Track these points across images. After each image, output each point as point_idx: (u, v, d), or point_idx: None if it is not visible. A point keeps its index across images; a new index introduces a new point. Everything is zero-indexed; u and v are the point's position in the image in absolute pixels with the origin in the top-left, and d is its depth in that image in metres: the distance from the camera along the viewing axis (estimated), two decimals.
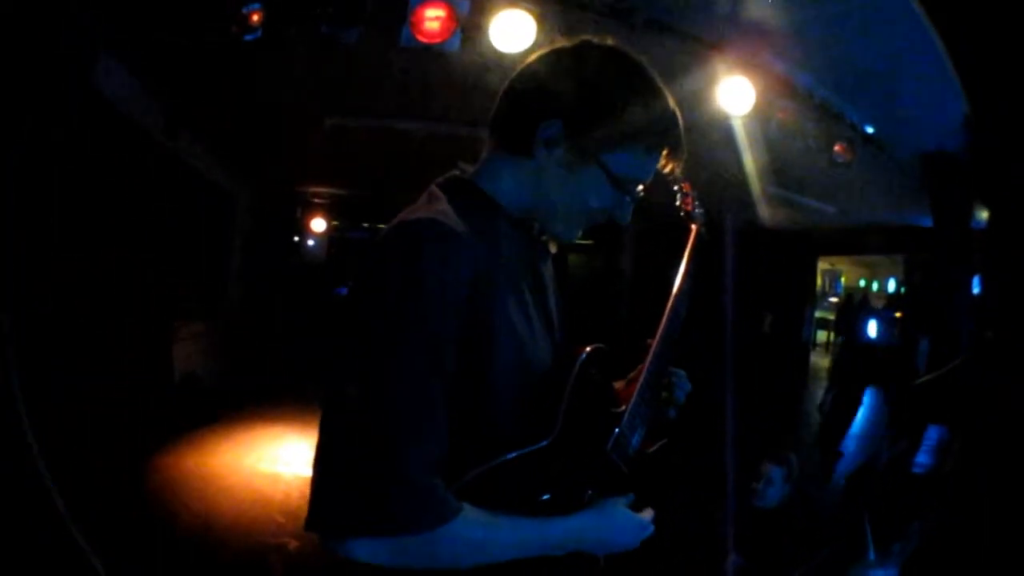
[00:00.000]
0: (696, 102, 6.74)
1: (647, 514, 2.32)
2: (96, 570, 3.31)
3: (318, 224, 16.10)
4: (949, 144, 7.85)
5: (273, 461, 9.25)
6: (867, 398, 14.80)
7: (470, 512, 1.91)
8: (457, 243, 1.93)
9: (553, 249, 2.41)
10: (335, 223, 16.62)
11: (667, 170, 2.24)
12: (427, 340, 1.87)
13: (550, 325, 2.28)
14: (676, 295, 2.61)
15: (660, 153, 2.19)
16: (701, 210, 2.87)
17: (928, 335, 10.80)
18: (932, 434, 5.91)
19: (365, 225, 18.46)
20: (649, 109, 2.14)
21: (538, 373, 2.13)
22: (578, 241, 2.35)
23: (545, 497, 2.10)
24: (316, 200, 15.77)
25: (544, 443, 2.06)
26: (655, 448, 2.51)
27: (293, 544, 6.93)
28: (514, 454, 2.02)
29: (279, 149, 11.15)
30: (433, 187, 2.17)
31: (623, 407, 2.34)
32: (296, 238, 16.39)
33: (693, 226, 2.82)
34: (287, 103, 8.52)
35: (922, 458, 5.88)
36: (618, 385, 2.54)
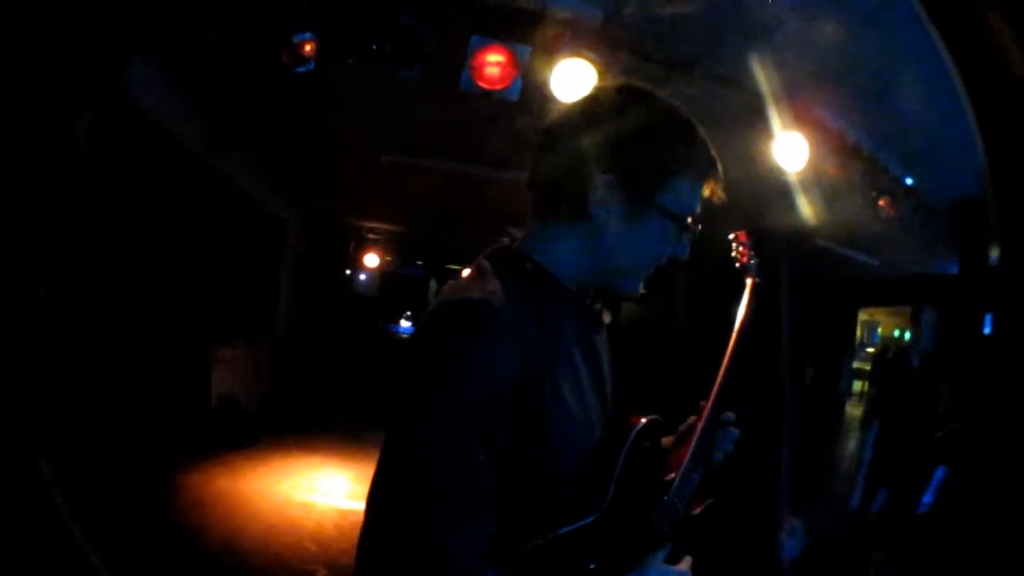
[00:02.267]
0: (753, 156, 6.73)
1: (685, 564, 2.31)
2: None
3: (371, 259, 16.19)
4: (977, 190, 7.83)
5: (309, 490, 9.27)
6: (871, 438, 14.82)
7: None
8: (507, 328, 1.91)
9: (607, 319, 2.39)
10: (388, 259, 16.63)
11: (711, 196, 2.20)
12: (475, 426, 1.85)
13: (603, 396, 2.25)
14: (731, 354, 2.58)
15: (705, 181, 2.17)
16: (756, 261, 2.83)
17: (948, 377, 10.78)
18: (938, 475, 5.91)
19: (419, 263, 18.49)
20: (687, 140, 2.12)
21: (590, 447, 2.11)
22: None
23: (591, 567, 2.09)
24: (371, 235, 15.77)
25: (595, 517, 2.06)
26: (701, 510, 2.49)
27: (322, 573, 6.96)
28: (565, 530, 2.01)
29: (335, 181, 11.16)
30: (482, 260, 2.12)
31: (673, 475, 2.32)
32: (348, 271, 16.42)
33: (749, 279, 2.77)
34: (344, 136, 8.53)
35: (927, 498, 5.89)
36: (668, 442, 2.52)
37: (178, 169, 8.84)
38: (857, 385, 19.20)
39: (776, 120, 6.68)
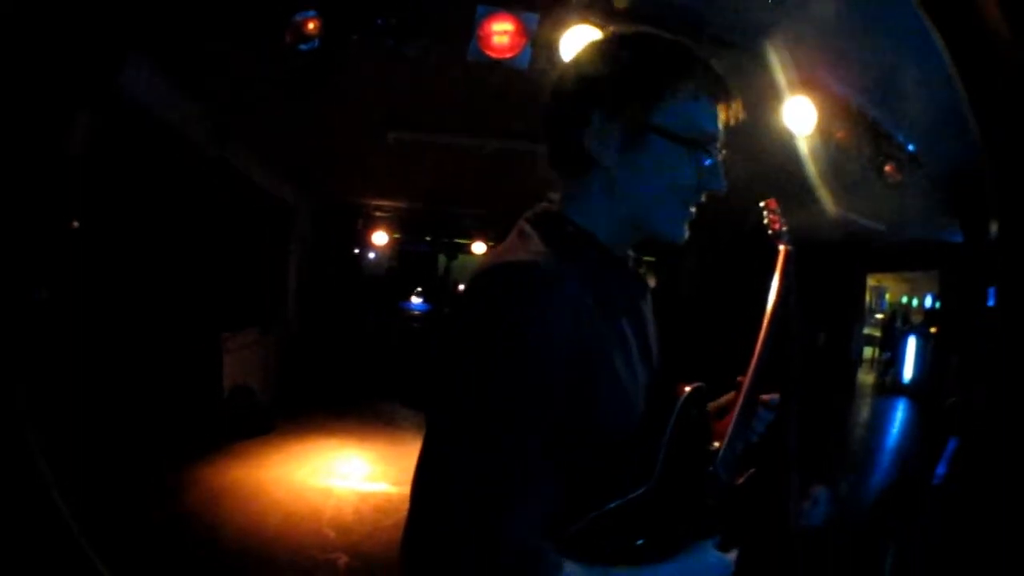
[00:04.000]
0: (761, 121, 6.71)
1: (733, 553, 2.27)
2: None
3: (379, 237, 16.09)
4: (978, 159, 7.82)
5: (327, 475, 9.24)
6: (901, 414, 14.78)
7: (569, 569, 1.86)
8: (559, 290, 1.82)
9: (652, 283, 2.34)
10: (397, 236, 16.59)
11: (728, 120, 2.07)
12: (530, 396, 1.77)
13: (650, 363, 2.21)
14: (768, 325, 2.52)
15: (709, 98, 2.03)
16: (787, 230, 2.76)
17: (958, 348, 10.78)
18: (950, 445, 5.90)
19: (428, 239, 18.45)
20: (677, 59, 2.02)
21: (639, 416, 2.07)
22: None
23: (640, 542, 2.05)
24: (378, 213, 15.68)
25: (645, 489, 2.01)
26: (744, 479, 2.46)
27: (343, 560, 6.90)
28: (615, 503, 1.97)
29: (340, 161, 11.13)
30: (523, 223, 2.04)
31: (718, 444, 2.28)
32: (357, 250, 16.40)
33: (782, 247, 2.71)
34: (349, 115, 8.48)
35: (940, 469, 5.88)
36: (711, 408, 2.49)
37: (184, 160, 8.82)
38: (868, 351, 19.31)
39: (784, 84, 6.67)
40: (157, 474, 7.59)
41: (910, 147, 8.12)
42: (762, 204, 2.74)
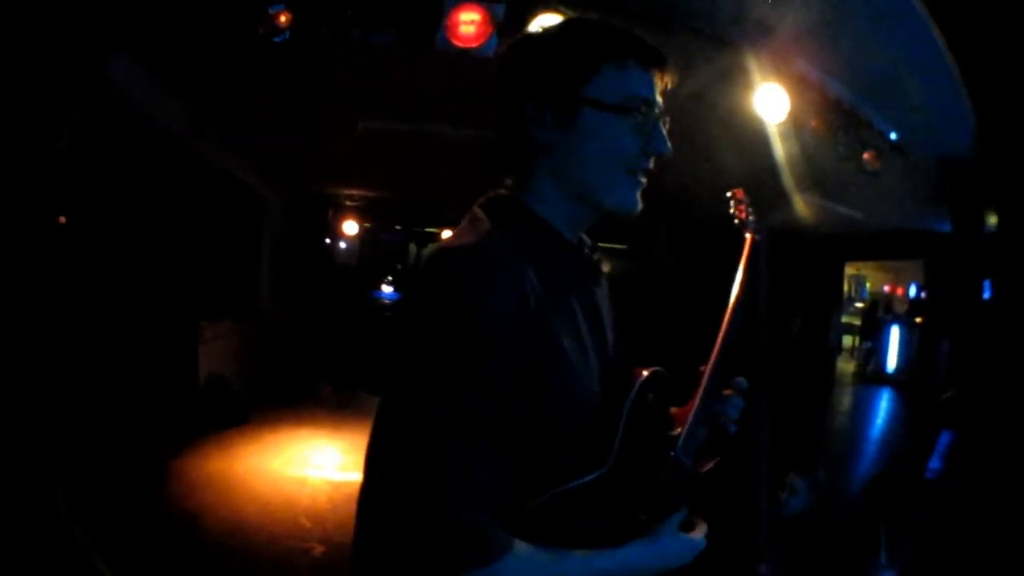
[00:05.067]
0: (733, 108, 6.73)
1: (700, 530, 2.27)
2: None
3: (350, 227, 16.01)
4: (966, 148, 7.83)
5: (301, 464, 9.26)
6: (886, 404, 14.80)
7: (520, 548, 1.86)
8: (505, 272, 1.85)
9: (606, 268, 2.35)
10: (367, 225, 16.62)
11: (664, 87, 2.11)
12: (475, 376, 1.79)
13: (604, 347, 2.20)
14: (732, 311, 2.54)
15: (639, 66, 2.05)
16: (755, 218, 2.79)
17: (947, 338, 10.80)
18: (943, 439, 5.90)
19: (398, 227, 18.50)
20: (600, 31, 2.04)
21: (593, 400, 2.06)
22: (611, 245, 2.28)
23: (599, 526, 2.06)
24: (348, 203, 15.64)
25: (600, 472, 2.01)
26: (709, 468, 2.46)
27: (319, 549, 6.92)
28: (571, 484, 1.97)
29: (311, 152, 11.15)
30: (475, 208, 2.06)
31: (679, 430, 2.28)
32: (327, 240, 16.41)
33: (748, 235, 2.73)
34: (320, 106, 8.50)
35: (934, 463, 5.88)
36: (674, 409, 2.49)
37: (158, 152, 8.81)
38: (847, 340, 19.37)
39: (755, 72, 6.68)
40: (136, 466, 7.58)
41: (892, 135, 8.14)
42: (728, 193, 2.77)
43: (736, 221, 2.74)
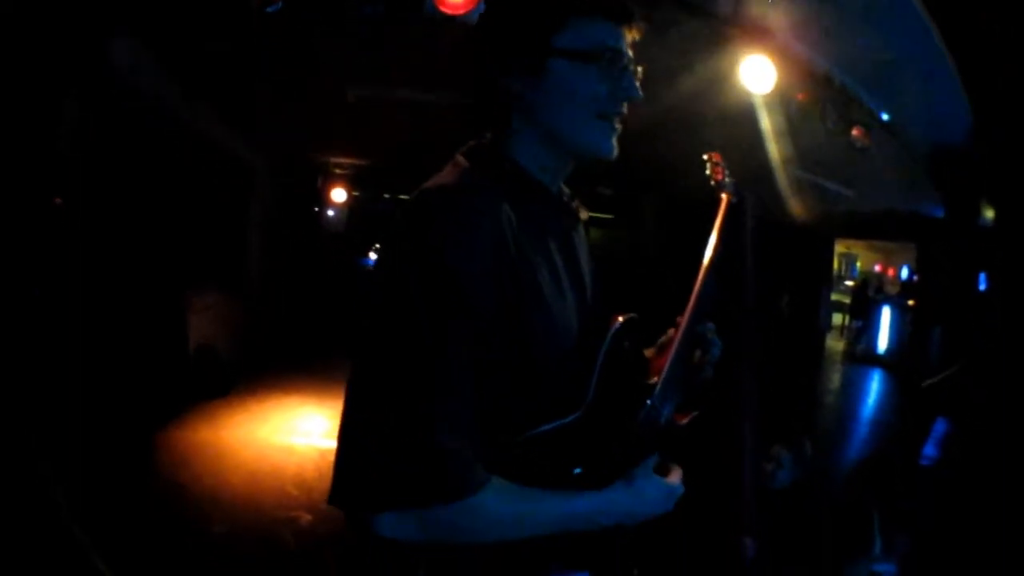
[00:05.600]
0: (718, 80, 6.74)
1: (675, 475, 2.29)
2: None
3: (338, 195, 15.89)
4: (960, 136, 7.84)
5: (288, 433, 9.31)
6: (876, 385, 14.80)
7: (498, 484, 1.89)
8: (478, 212, 1.90)
9: (584, 216, 2.39)
10: (356, 194, 16.58)
11: (632, 38, 2.17)
12: (449, 309, 1.83)
13: (582, 292, 2.25)
14: (707, 267, 2.58)
15: (606, 18, 2.12)
16: (731, 180, 2.84)
17: (940, 324, 10.80)
18: (939, 427, 5.90)
19: (386, 196, 18.47)
20: None
21: (570, 343, 2.10)
22: (598, 215, 2.32)
23: (576, 471, 2.08)
24: (337, 171, 15.60)
25: (576, 416, 2.04)
26: (687, 421, 2.49)
27: (306, 518, 6.95)
28: (547, 427, 2.00)
29: (300, 120, 11.15)
30: (458, 156, 2.13)
31: (655, 379, 2.31)
32: (316, 208, 16.38)
33: (724, 196, 2.79)
34: (310, 75, 8.51)
35: (929, 450, 5.87)
36: (649, 353, 2.53)
37: (148, 123, 8.82)
38: (838, 318, 19.35)
39: (741, 43, 6.68)
40: (124, 437, 7.59)
41: (884, 116, 8.14)
42: (705, 156, 2.83)
43: (712, 183, 2.81)
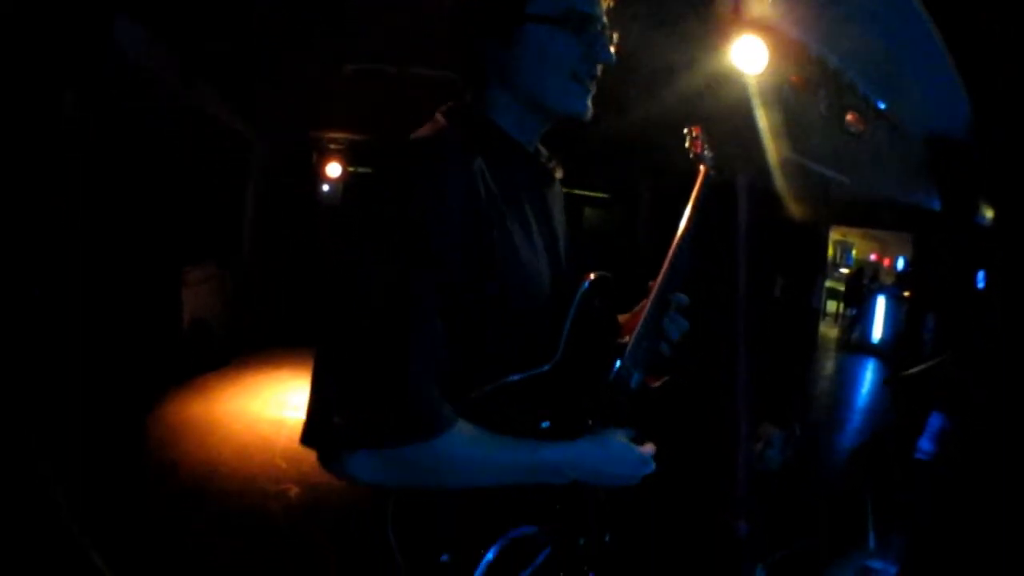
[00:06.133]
0: (709, 59, 6.75)
1: (648, 448, 2.32)
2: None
3: (334, 169, 15.75)
4: (957, 130, 7.83)
5: (279, 407, 9.35)
6: (870, 374, 14.82)
7: (465, 428, 1.92)
8: (451, 160, 1.97)
9: (559, 175, 2.43)
10: (351, 169, 16.58)
11: (609, 5, 2.24)
12: (416, 255, 1.87)
13: (555, 251, 2.29)
14: (682, 234, 2.63)
15: None
16: (711, 153, 2.89)
17: (934, 312, 10.81)
18: (934, 421, 5.90)
19: None
20: None
21: (541, 297, 2.14)
22: (593, 194, 2.37)
23: (545, 425, 2.12)
24: (332, 146, 15.54)
25: (545, 368, 2.09)
26: (659, 384, 2.52)
27: (294, 491, 6.99)
28: (515, 377, 2.04)
29: (297, 95, 11.15)
30: (437, 114, 2.19)
31: (627, 338, 2.35)
32: (311, 183, 16.38)
33: (702, 167, 2.85)
34: (307, 48, 8.52)
35: (925, 444, 5.88)
36: (623, 318, 2.56)
37: (146, 98, 8.83)
38: (832, 305, 19.37)
39: (732, 25, 6.69)
40: (116, 412, 7.62)
41: (880, 104, 8.15)
42: (686, 129, 2.88)
43: (691, 155, 2.87)
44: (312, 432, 1.88)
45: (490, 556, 2.06)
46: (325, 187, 16.32)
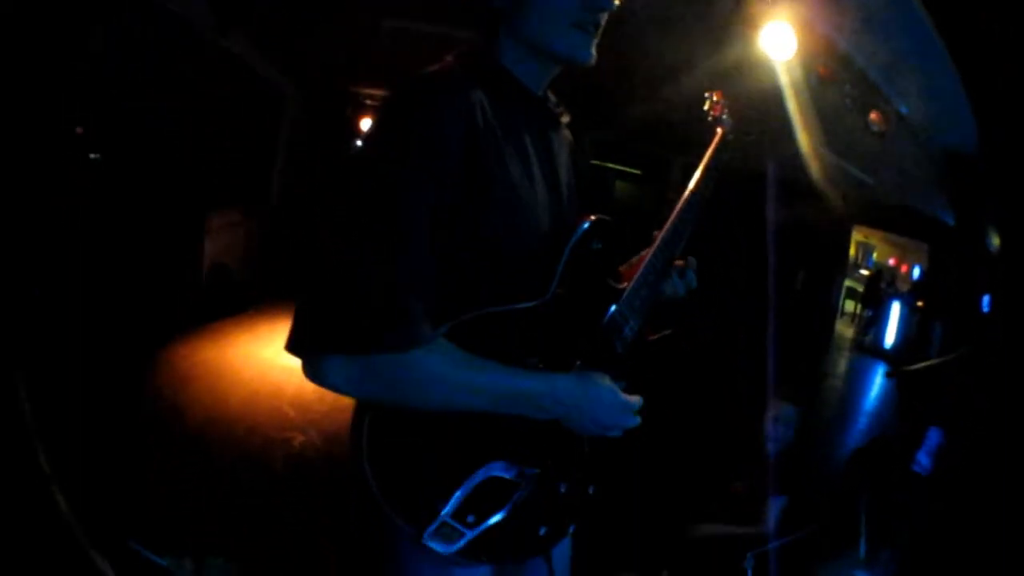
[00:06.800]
0: (739, 44, 6.77)
1: (635, 398, 2.38)
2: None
3: (367, 125, 15.70)
4: (969, 146, 7.83)
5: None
6: (880, 378, 14.78)
7: (446, 347, 2.00)
8: (448, 96, 2.09)
9: (565, 119, 2.51)
10: None
11: None
12: (410, 176, 1.99)
13: (557, 191, 2.37)
14: (692, 190, 2.69)
15: None
16: (730, 119, 2.94)
17: (941, 320, 10.80)
18: (932, 437, 5.91)
19: None
20: None
21: (538, 234, 2.22)
22: (626, 169, 2.44)
23: (532, 360, 2.18)
24: (368, 101, 15.53)
25: (534, 303, 2.15)
26: (657, 337, 2.57)
27: (299, 439, 7.08)
28: (504, 308, 2.11)
29: (334, 49, 11.15)
30: (447, 56, 2.33)
31: (624, 284, 2.41)
32: (344, 138, 16.36)
33: (719, 129, 2.90)
34: (344, 3, 8.54)
35: (923, 459, 5.89)
36: (625, 267, 2.62)
37: (179, 46, 8.86)
38: (850, 305, 19.26)
39: (761, 10, 6.71)
40: (128, 356, 7.64)
41: (903, 109, 8.14)
42: (707, 93, 2.94)
43: (710, 117, 2.93)
44: (294, 338, 1.97)
45: (462, 492, 2.13)
46: (358, 142, 16.36)
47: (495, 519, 2.29)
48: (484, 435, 2.21)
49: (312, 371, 2.10)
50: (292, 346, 2.09)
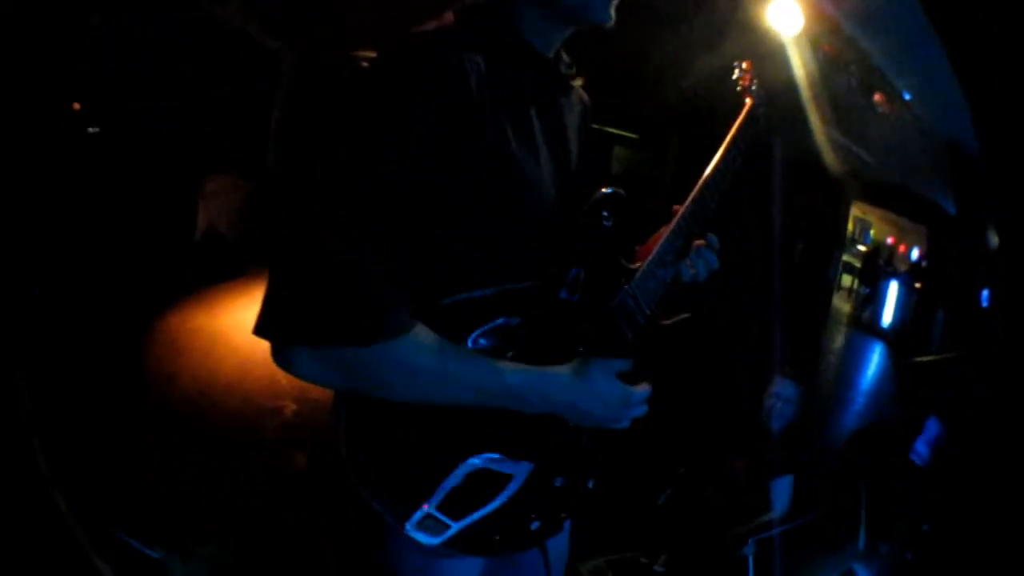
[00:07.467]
0: (747, 16, 6.72)
1: (642, 388, 2.27)
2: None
3: None
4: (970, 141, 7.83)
5: None
6: (877, 358, 14.79)
7: (423, 336, 1.88)
8: (431, 61, 1.93)
9: (578, 82, 2.39)
10: None
11: None
12: (382, 148, 1.87)
13: (564, 160, 2.25)
14: (716, 164, 2.57)
15: None
16: (760, 89, 2.83)
17: (943, 308, 10.80)
18: (932, 427, 5.88)
19: None
20: None
21: (540, 206, 2.10)
22: (623, 133, 2.34)
23: (531, 346, 2.07)
24: (365, 64, 15.43)
25: (529, 284, 2.04)
26: (672, 322, 2.46)
27: (291, 408, 7.02)
28: (492, 290, 1.99)
29: (330, 14, 11.08)
30: (448, 11, 2.17)
31: (638, 264, 2.30)
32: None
33: (748, 99, 2.78)
34: None
35: (921, 448, 5.85)
36: (640, 246, 2.51)
37: (174, 11, 8.79)
38: (847, 280, 19.34)
39: None
40: (119, 322, 7.58)
41: (906, 95, 8.11)
42: (735, 62, 2.84)
43: (739, 87, 2.81)
44: (262, 323, 1.87)
45: (447, 484, 2.03)
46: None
47: (484, 512, 2.21)
48: (472, 426, 2.12)
49: (279, 359, 2.01)
50: (258, 330, 1.98)
